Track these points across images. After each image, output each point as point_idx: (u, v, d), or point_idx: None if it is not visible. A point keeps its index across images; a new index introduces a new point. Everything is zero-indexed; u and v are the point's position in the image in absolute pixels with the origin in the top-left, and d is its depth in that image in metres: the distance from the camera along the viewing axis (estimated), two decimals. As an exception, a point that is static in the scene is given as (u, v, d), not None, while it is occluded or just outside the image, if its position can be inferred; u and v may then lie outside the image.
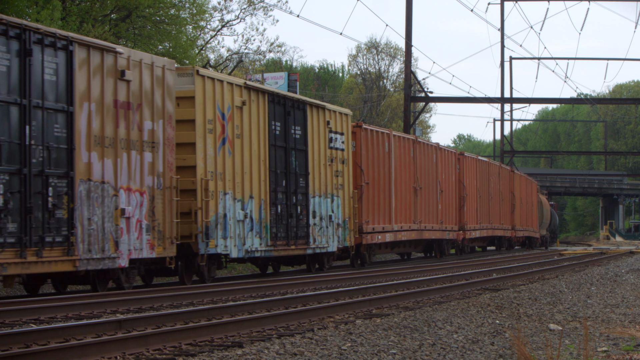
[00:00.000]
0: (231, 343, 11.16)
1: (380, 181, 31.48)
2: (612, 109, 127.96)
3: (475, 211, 43.19)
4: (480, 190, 43.95)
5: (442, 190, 37.78)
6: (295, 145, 25.54)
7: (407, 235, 33.87)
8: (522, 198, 55.18)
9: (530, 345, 11.51)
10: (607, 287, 21.31)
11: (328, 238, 27.22)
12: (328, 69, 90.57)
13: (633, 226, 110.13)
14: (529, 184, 59.09)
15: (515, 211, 52.44)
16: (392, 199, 32.38)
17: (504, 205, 49.96)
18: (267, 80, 55.90)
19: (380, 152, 31.53)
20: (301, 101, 26.09)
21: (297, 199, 25.49)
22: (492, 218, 46.83)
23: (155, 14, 34.91)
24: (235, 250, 22.44)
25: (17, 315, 13.75)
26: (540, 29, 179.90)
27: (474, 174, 43.01)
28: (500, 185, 48.78)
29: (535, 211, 61.31)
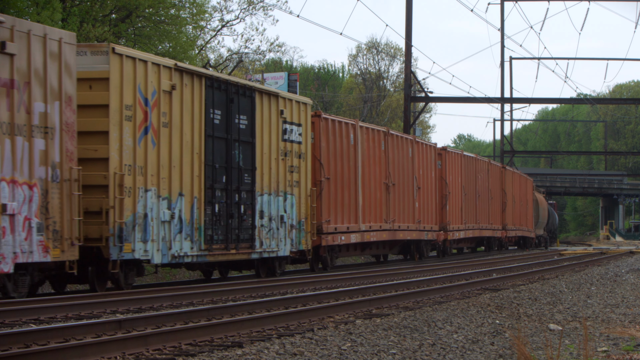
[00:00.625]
0: (231, 343, 11.16)
1: (345, 176, 28.63)
2: (612, 109, 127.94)
3: (460, 210, 40.49)
4: (465, 188, 41.27)
5: (419, 187, 35.16)
6: (239, 136, 22.70)
7: (377, 235, 31.09)
8: (515, 196, 52.52)
9: (530, 345, 11.51)
10: (607, 287, 21.31)
11: (279, 241, 24.28)
12: (328, 69, 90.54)
13: (633, 226, 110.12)
14: (523, 182, 56.36)
15: (506, 210, 49.82)
16: (358, 197, 29.61)
17: (494, 204, 47.28)
18: (267, 80, 55.90)
19: (344, 145, 28.65)
20: (248, 87, 23.18)
21: (241, 197, 22.63)
22: (480, 217, 44.18)
23: (155, 14, 34.91)
24: (159, 255, 19.53)
25: (17, 315, 13.74)
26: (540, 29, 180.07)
27: (458, 171, 40.27)
28: (489, 183, 46.10)
29: (531, 210, 58.82)
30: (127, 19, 34.39)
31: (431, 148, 37.27)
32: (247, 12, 43.47)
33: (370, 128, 31.14)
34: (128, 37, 34.86)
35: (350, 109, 76.15)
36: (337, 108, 77.72)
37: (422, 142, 36.25)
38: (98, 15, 32.81)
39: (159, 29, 34.87)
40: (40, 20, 26.99)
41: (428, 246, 37.62)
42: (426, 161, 36.34)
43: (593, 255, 41.39)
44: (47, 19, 27.15)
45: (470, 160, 42.73)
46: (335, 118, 28.41)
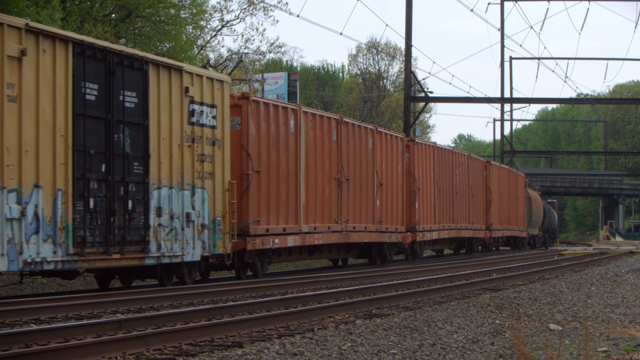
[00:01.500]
0: (231, 343, 11.16)
1: (282, 169, 24.75)
2: (612, 109, 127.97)
3: (433, 208, 36.66)
4: (440, 184, 37.52)
5: (381, 183, 31.33)
6: (125, 117, 18.62)
7: (325, 238, 27.10)
8: (502, 193, 48.78)
9: (530, 345, 11.51)
10: (607, 287, 21.32)
11: (185, 243, 20.24)
12: (328, 69, 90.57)
13: (633, 226, 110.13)
14: (512, 178, 52.41)
15: (491, 208, 46.05)
16: (300, 193, 25.68)
17: (476, 202, 43.37)
18: (267, 80, 55.91)
19: (282, 133, 24.80)
20: (137, 58, 19.09)
21: (128, 191, 18.64)
22: (459, 216, 40.36)
23: (155, 14, 34.92)
24: (3, 261, 15.66)
25: (17, 315, 13.75)
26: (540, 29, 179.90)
27: (430, 165, 36.46)
28: (470, 179, 42.17)
29: (522, 208, 55.16)
30: (127, 18, 34.40)
31: (397, 139, 33.49)
32: (247, 12, 43.49)
33: (318, 115, 27.24)
34: (128, 37, 34.87)
35: (350, 109, 76.17)
36: (337, 108, 77.76)
37: (385, 133, 32.30)
38: (98, 15, 32.82)
39: (159, 28, 34.87)
40: (40, 19, 27.00)
41: (392, 249, 33.37)
42: (391, 154, 32.55)
43: (593, 255, 41.40)
44: (47, 18, 27.16)
45: (446, 153, 38.85)
46: (269, 101, 24.61)
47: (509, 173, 51.61)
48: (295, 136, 25.56)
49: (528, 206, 57.67)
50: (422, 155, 35.56)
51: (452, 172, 39.32)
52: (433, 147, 37.12)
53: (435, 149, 37.32)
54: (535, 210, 59.90)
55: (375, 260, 32.24)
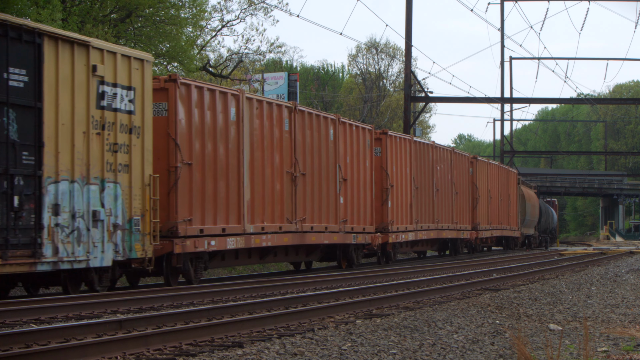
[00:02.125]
0: (231, 343, 11.17)
1: (219, 163, 21.95)
2: (612, 109, 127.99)
3: (409, 207, 33.62)
4: (418, 181, 34.56)
5: (345, 178, 28.30)
6: (10, 97, 15.99)
7: (276, 239, 24.29)
8: (491, 191, 45.85)
9: (530, 345, 11.52)
10: (607, 287, 21.32)
11: (91, 246, 17.57)
12: (328, 69, 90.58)
13: (633, 226, 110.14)
14: (504, 175, 49.35)
15: (478, 207, 43.05)
16: (243, 189, 22.77)
17: (460, 200, 40.41)
18: (267, 80, 55.94)
19: (220, 121, 22.02)
20: (28, 29, 16.37)
21: (14, 185, 16.01)
22: (441, 216, 37.40)
23: (155, 14, 34.93)
24: None
25: (17, 315, 13.76)
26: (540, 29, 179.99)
27: (405, 159, 33.40)
28: (453, 175, 39.17)
29: (515, 207, 52.30)
30: (127, 18, 34.41)
31: (365, 131, 30.26)
32: (247, 13, 43.49)
33: (266, 101, 24.26)
34: (128, 37, 34.87)
35: (350, 109, 76.18)
36: (337, 108, 77.77)
37: (350, 123, 29.20)
38: (98, 15, 32.82)
39: (158, 28, 34.88)
40: (40, 19, 27.00)
41: (360, 251, 30.30)
42: (357, 147, 29.50)
43: (593, 255, 41.40)
44: (48, 18, 27.16)
45: (425, 147, 35.77)
46: (204, 85, 21.79)
47: (500, 170, 48.61)
48: (236, 125, 22.60)
49: (521, 205, 54.79)
50: (396, 149, 32.40)
51: (432, 168, 36.36)
52: (409, 141, 33.99)
53: (413, 142, 34.18)
54: (530, 208, 57.18)
55: (340, 263, 29.35)
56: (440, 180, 37.52)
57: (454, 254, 41.30)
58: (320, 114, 27.41)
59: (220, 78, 43.74)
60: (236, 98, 22.72)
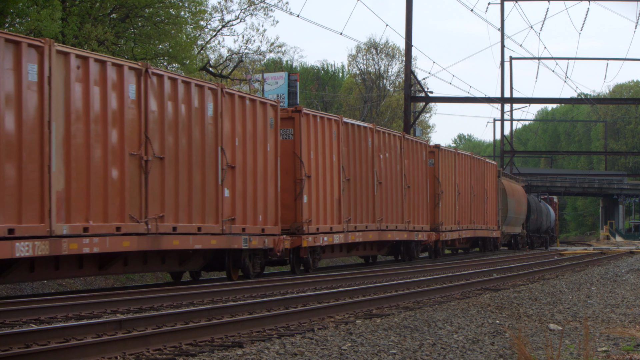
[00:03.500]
0: (231, 343, 11.16)
1: (6, 138, 16.09)
2: (612, 109, 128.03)
3: (336, 204, 27.50)
4: (349, 171, 28.53)
5: (232, 165, 22.19)
6: None
7: (108, 244, 18.04)
8: (460, 185, 40.15)
9: (530, 345, 11.51)
10: (607, 287, 21.32)
11: None
12: (328, 69, 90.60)
13: (633, 226, 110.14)
14: (478, 167, 43.43)
15: (441, 204, 37.30)
16: (48, 175, 16.82)
17: (414, 196, 34.45)
18: (267, 80, 55.95)
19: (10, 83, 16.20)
20: None
21: None
22: (386, 214, 31.51)
23: (155, 14, 34.92)
24: None
25: (17, 315, 13.75)
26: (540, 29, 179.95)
27: (330, 145, 27.32)
28: (404, 167, 33.24)
29: (494, 203, 46.37)
30: (127, 18, 34.41)
31: (266, 107, 24.03)
32: (247, 13, 43.49)
33: (93, 59, 18.07)
34: (128, 37, 34.87)
35: (350, 108, 76.19)
36: (337, 108, 77.77)
37: (243, 96, 23.19)
38: (98, 15, 32.81)
39: (158, 28, 34.88)
40: (40, 19, 26.99)
41: (257, 258, 23.83)
42: (254, 127, 23.34)
43: (593, 255, 41.40)
44: (47, 18, 27.14)
45: (359, 131, 29.66)
46: None
47: (474, 162, 42.81)
48: (39, 89, 16.69)
49: (502, 201, 48.88)
50: (315, 131, 26.53)
51: (371, 156, 30.39)
52: (337, 122, 27.85)
53: (342, 124, 28.14)
54: (513, 205, 51.21)
55: (229, 273, 23.07)
56: (384, 171, 31.53)
57: (407, 258, 34.81)
58: (192, 81, 21.01)
59: (221, 78, 43.71)
60: (39, 52, 16.76)
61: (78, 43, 29.51)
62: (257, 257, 24.02)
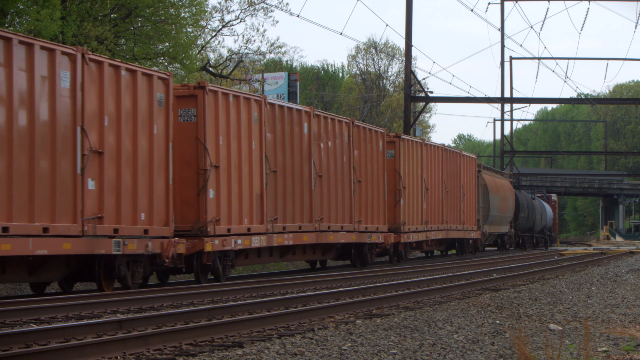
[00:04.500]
0: (231, 343, 11.16)
1: None
2: (612, 109, 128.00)
3: (259, 200, 23.25)
4: (275, 162, 24.29)
5: (99, 151, 18.23)
6: None
7: None
8: (429, 180, 35.83)
9: (530, 345, 11.51)
10: (607, 287, 21.32)
11: None
12: (328, 69, 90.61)
13: (633, 226, 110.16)
14: (452, 160, 39.11)
15: (404, 201, 32.77)
16: None
17: (369, 192, 30.11)
18: (267, 80, 55.95)
19: None
20: None
21: None
22: (330, 213, 27.23)
23: (155, 14, 34.92)
24: None
25: (17, 315, 13.75)
26: (540, 29, 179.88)
27: (252, 132, 23.19)
28: (353, 158, 28.85)
29: (472, 200, 42.00)
30: (127, 18, 34.40)
31: (151, 79, 19.98)
32: (247, 13, 43.49)
33: None
34: (128, 37, 34.87)
35: (350, 109, 76.19)
36: (337, 108, 77.78)
37: (107, 61, 18.75)
38: (98, 15, 32.81)
39: (158, 28, 34.88)
40: (40, 18, 26.99)
41: (139, 267, 19.68)
42: (131, 104, 19.35)
43: (593, 255, 41.39)
44: (47, 18, 27.14)
45: (292, 115, 25.36)
46: None
47: (446, 154, 38.36)
48: None
49: (484, 197, 44.56)
50: (226, 113, 22.25)
51: (306, 144, 26.01)
52: (259, 104, 23.57)
53: (266, 105, 23.76)
54: (497, 202, 46.80)
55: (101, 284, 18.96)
56: (326, 163, 27.23)
57: (359, 264, 29.93)
58: (36, 43, 16.92)
59: (221, 78, 43.72)
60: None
61: (77, 42, 29.50)
62: (139, 265, 19.72)
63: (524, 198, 56.53)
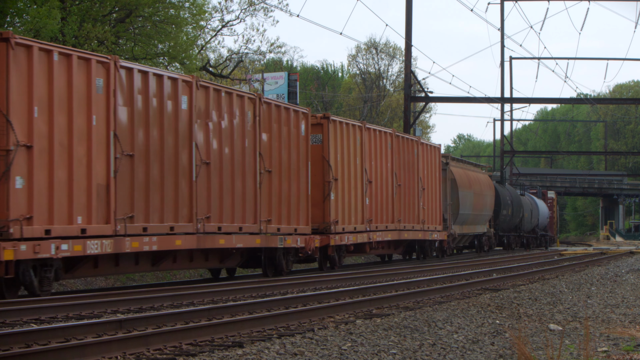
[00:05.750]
0: (232, 343, 11.17)
1: None
2: (612, 109, 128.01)
3: (103, 190, 18.24)
4: (146, 144, 19.54)
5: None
6: None
7: None
8: (373, 171, 30.31)
9: (530, 345, 11.51)
10: (607, 287, 21.32)
11: None
12: (328, 69, 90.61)
13: (633, 226, 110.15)
14: (407, 149, 33.59)
15: (336, 196, 27.23)
16: None
17: (279, 185, 24.45)
18: (267, 80, 55.93)
19: None
20: None
21: None
22: (222, 209, 21.99)
23: (155, 14, 34.92)
24: None
25: (17, 315, 13.75)
26: (540, 28, 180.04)
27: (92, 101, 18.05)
28: (259, 143, 23.41)
29: (435, 196, 36.59)
30: (127, 18, 34.41)
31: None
32: (247, 13, 43.49)
33: None
34: (128, 37, 34.88)
35: (350, 108, 76.19)
36: (337, 108, 77.78)
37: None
38: (98, 15, 32.81)
39: (158, 28, 34.88)
40: (38, 17, 26.97)
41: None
42: None
43: (593, 255, 41.39)
44: (45, 16, 27.11)
45: (168, 85, 20.41)
46: None
47: (398, 141, 32.87)
48: None
49: (453, 193, 39.61)
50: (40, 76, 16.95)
51: (186, 123, 20.94)
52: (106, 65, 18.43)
53: (117, 68, 18.70)
54: (470, 199, 41.28)
55: None
56: (217, 146, 22.09)
57: (270, 273, 24.48)
58: None
59: (221, 78, 43.71)
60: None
61: (78, 43, 29.49)
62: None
63: (508, 194, 51.15)
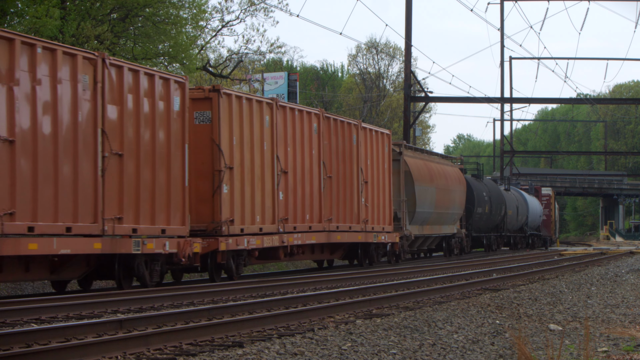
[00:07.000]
0: (232, 343, 11.17)
1: None
2: (612, 109, 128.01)
3: None
4: None
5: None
6: None
7: None
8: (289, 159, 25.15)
9: (530, 346, 11.52)
10: (607, 287, 21.32)
11: None
12: (327, 69, 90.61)
13: (633, 226, 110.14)
14: (342, 133, 28.29)
15: (231, 189, 22.20)
16: None
17: (137, 174, 19.16)
18: (267, 80, 55.94)
19: None
20: None
21: None
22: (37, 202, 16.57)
23: (155, 14, 34.92)
24: None
25: (18, 315, 13.76)
26: (540, 28, 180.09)
27: None
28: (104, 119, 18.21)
29: (385, 192, 31.13)
30: (127, 18, 34.41)
31: None
32: (247, 13, 43.49)
33: None
34: (128, 37, 34.88)
35: (350, 108, 76.19)
36: (337, 108, 77.78)
37: None
38: (98, 15, 32.82)
39: (158, 28, 34.89)
40: (37, 15, 26.96)
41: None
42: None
43: (593, 255, 41.39)
44: (43, 15, 27.11)
45: None
46: None
47: (328, 123, 27.56)
48: None
49: (408, 188, 34.00)
50: None
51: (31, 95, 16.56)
52: None
53: None
54: (431, 195, 35.93)
55: None
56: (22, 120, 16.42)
57: (126, 286, 19.54)
58: None
59: (220, 78, 43.72)
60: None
61: (77, 42, 29.50)
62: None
63: (485, 189, 44.76)
